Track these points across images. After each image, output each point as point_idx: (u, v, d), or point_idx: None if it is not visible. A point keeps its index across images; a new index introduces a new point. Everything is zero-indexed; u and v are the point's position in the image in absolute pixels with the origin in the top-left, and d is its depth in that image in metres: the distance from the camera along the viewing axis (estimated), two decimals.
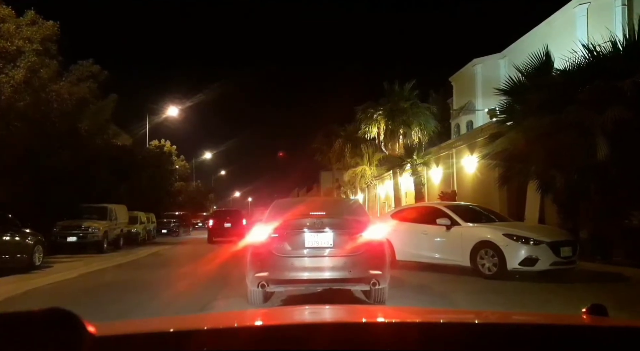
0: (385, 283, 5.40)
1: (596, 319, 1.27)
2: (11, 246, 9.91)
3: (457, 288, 7.09)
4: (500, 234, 7.96)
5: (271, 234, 5.39)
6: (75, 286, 8.30)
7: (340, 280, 5.31)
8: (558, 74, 10.18)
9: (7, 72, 12.84)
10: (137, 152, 26.18)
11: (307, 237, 5.34)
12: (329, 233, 5.35)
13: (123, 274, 9.99)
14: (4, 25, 13.00)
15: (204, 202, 52.80)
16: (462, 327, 1.24)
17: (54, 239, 14.76)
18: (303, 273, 5.28)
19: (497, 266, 7.81)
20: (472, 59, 27.72)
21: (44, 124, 14.70)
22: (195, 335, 1.12)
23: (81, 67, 17.07)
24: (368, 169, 27.89)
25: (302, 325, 1.33)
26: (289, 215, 5.65)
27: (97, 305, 6.18)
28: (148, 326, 1.41)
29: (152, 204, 24.86)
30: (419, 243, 9.07)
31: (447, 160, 19.85)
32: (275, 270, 5.25)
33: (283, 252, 5.30)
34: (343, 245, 5.30)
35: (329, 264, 5.29)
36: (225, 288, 7.25)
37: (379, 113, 22.49)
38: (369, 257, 5.28)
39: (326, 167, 42.82)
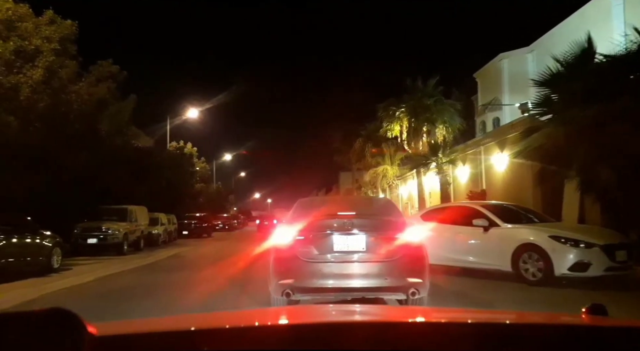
0: (425, 292, 4.80)
1: (596, 319, 1.26)
2: (29, 249, 9.69)
3: (502, 297, 6.45)
4: (545, 236, 7.27)
5: (296, 237, 4.85)
6: (91, 290, 7.97)
7: (374, 288, 4.73)
8: (605, 61, 9.38)
9: (25, 72, 12.72)
10: (157, 154, 26.14)
11: (336, 240, 4.80)
12: (361, 236, 4.78)
13: (142, 277, 9.64)
14: (22, 25, 12.91)
15: (224, 203, 52.86)
16: (462, 327, 1.22)
17: (75, 241, 14.62)
18: (332, 281, 4.73)
19: (543, 272, 7.12)
20: (497, 54, 26.78)
21: (64, 125, 14.59)
22: (195, 334, 1.13)
23: (100, 67, 16.96)
24: (390, 169, 27.20)
25: (302, 325, 1.30)
26: (315, 215, 5.10)
27: (112, 312, 5.78)
28: (148, 326, 1.40)
29: (172, 205, 24.72)
30: (453, 245, 8.44)
31: (475, 158, 19.04)
32: (300, 276, 4.72)
33: (309, 257, 4.76)
34: (377, 249, 4.73)
35: (361, 270, 4.74)
36: (246, 294, 6.78)
37: (402, 111, 21.86)
38: (407, 263, 4.70)
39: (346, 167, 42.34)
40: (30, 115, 13.11)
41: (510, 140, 15.70)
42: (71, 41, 14.44)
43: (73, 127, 15.08)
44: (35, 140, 13.26)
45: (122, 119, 19.39)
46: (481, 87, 29.12)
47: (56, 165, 14.22)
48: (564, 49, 10.58)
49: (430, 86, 22.01)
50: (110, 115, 17.88)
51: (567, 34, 16.43)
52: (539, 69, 22.04)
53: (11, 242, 9.09)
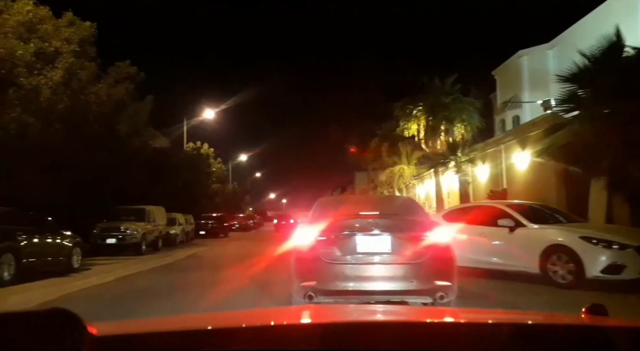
0: (454, 295, 4.57)
1: (596, 319, 1.26)
2: (50, 249, 9.75)
3: (530, 300, 6.20)
4: (575, 237, 6.98)
5: (318, 237, 4.68)
6: (111, 291, 7.95)
7: (400, 292, 4.51)
8: (635, 54, 9.01)
9: (45, 74, 12.86)
10: (174, 154, 26.30)
11: (359, 241, 4.62)
12: (385, 237, 4.60)
13: (161, 278, 9.62)
14: (42, 27, 13.05)
15: (240, 203, 53.09)
16: (462, 327, 1.22)
17: (94, 241, 14.74)
18: (356, 284, 4.55)
19: (574, 274, 6.84)
20: (516, 51, 26.23)
21: (83, 126, 14.73)
22: (195, 334, 1.12)
23: (118, 68, 17.08)
24: (407, 168, 26.87)
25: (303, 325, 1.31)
26: (337, 215, 4.92)
27: (134, 312, 5.72)
28: (148, 326, 1.40)
29: (189, 206, 24.84)
30: (476, 246, 8.19)
31: (495, 157, 18.64)
32: (323, 278, 4.55)
33: (332, 258, 4.59)
34: (403, 251, 4.53)
35: (386, 273, 4.55)
36: (267, 295, 6.66)
37: (419, 109, 21.55)
38: (435, 265, 4.49)
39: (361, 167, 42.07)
40: (50, 116, 13.24)
41: (533, 138, 15.29)
42: (90, 43, 14.56)
43: (92, 128, 15.22)
44: (56, 141, 13.40)
45: (140, 120, 19.51)
46: (500, 84, 28.57)
47: (76, 166, 14.35)
48: (588, 44, 10.24)
49: (448, 84, 21.64)
50: (128, 116, 18.00)
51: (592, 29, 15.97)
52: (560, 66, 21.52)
53: (32, 242, 9.15)
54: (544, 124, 14.25)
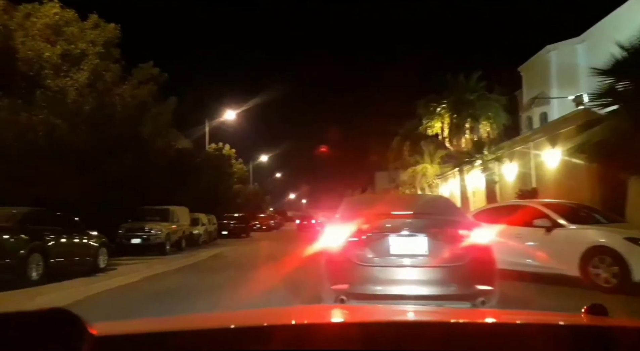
0: (495, 300, 4.30)
1: (596, 319, 1.25)
2: (77, 249, 9.83)
3: (573, 305, 5.80)
4: (619, 238, 6.59)
5: (349, 238, 4.45)
6: (138, 291, 7.91)
7: (438, 297, 4.24)
8: None
9: (71, 75, 13.04)
10: (196, 155, 26.50)
11: (393, 242, 4.38)
12: (422, 238, 4.34)
13: (185, 278, 9.58)
14: (69, 29, 13.24)
15: (261, 204, 53.32)
16: (462, 327, 1.21)
17: (119, 241, 14.88)
18: (390, 287, 4.30)
19: (618, 278, 6.45)
20: (543, 46, 25.45)
21: (108, 127, 14.90)
22: (195, 334, 1.13)
23: (142, 69, 17.24)
24: (429, 167, 26.39)
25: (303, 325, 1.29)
26: (368, 214, 4.67)
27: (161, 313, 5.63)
28: (148, 326, 1.40)
29: (211, 206, 24.97)
30: (510, 248, 7.83)
31: (523, 155, 18.08)
32: (356, 282, 4.32)
33: (365, 260, 4.36)
34: (441, 253, 4.27)
35: (423, 277, 4.29)
36: (295, 297, 6.49)
37: (443, 107, 21.12)
38: (475, 268, 4.22)
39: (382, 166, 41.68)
40: (77, 117, 13.42)
41: (564, 135, 14.75)
42: (114, 45, 14.71)
43: (117, 130, 15.39)
44: (82, 143, 13.59)
45: (163, 121, 19.67)
46: (526, 81, 27.80)
47: (101, 166, 14.53)
48: (624, 35, 9.74)
49: (473, 81, 21.15)
50: (152, 118, 18.16)
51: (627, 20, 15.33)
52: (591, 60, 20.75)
53: (60, 242, 9.23)
54: (576, 120, 13.71)
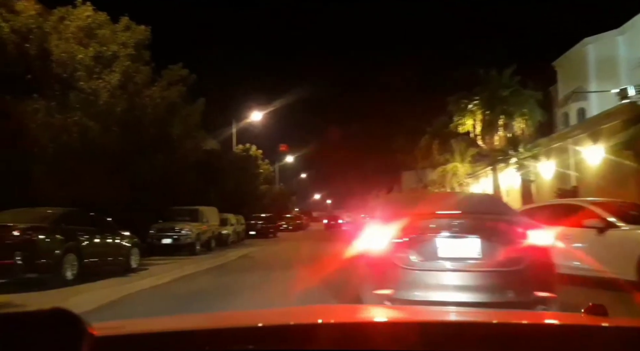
0: (556, 309, 3.93)
1: (596, 319, 1.25)
2: (110, 249, 9.89)
3: (636, 312, 5.38)
4: None
5: (392, 240, 4.14)
6: (171, 291, 7.85)
7: (492, 304, 3.85)
8: None
9: (103, 77, 13.22)
10: (224, 156, 26.67)
11: (441, 244, 4.05)
12: (474, 239, 3.99)
13: (216, 278, 9.49)
14: (101, 31, 13.44)
15: (287, 204, 53.42)
16: (462, 327, 1.22)
17: (150, 241, 15.01)
18: (439, 293, 3.97)
19: None
20: (579, 40, 24.38)
21: (139, 129, 15.07)
22: (194, 335, 1.13)
23: (171, 71, 17.37)
24: (460, 166, 25.69)
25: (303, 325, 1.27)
26: (412, 214, 4.34)
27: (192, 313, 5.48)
28: (148, 326, 1.39)
29: (239, 206, 25.08)
30: (558, 250, 7.35)
31: (561, 153, 17.30)
32: (401, 287, 4.00)
33: (410, 264, 4.05)
34: (495, 256, 3.90)
35: (476, 282, 3.94)
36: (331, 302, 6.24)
37: (475, 104, 20.46)
38: (534, 273, 3.84)
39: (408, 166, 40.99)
40: (109, 119, 13.60)
41: (607, 131, 14.00)
42: (144, 46, 14.87)
43: (147, 131, 15.55)
44: (114, 144, 13.76)
45: (192, 122, 19.80)
46: (561, 76, 26.74)
47: (132, 167, 14.70)
48: None
49: (506, 76, 20.41)
50: (181, 119, 18.29)
51: None
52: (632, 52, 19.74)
53: (93, 242, 9.28)
54: (620, 115, 12.99)
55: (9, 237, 7.47)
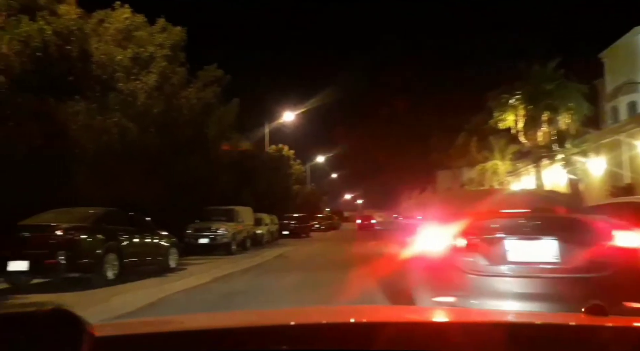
0: None
1: (596, 319, 1.26)
2: (149, 248, 9.88)
3: None
4: None
5: (454, 242, 3.74)
6: (211, 292, 7.69)
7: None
8: None
9: (141, 78, 13.36)
10: (257, 156, 26.77)
11: (512, 247, 3.60)
12: (550, 241, 3.51)
13: (255, 279, 9.32)
14: (138, 33, 13.61)
15: (318, 204, 53.35)
16: (462, 327, 1.22)
17: (187, 241, 15.09)
18: (509, 302, 3.52)
19: None
20: (630, 29, 22.99)
21: (175, 130, 15.19)
22: (195, 335, 1.14)
23: (206, 72, 17.47)
24: (500, 163, 24.71)
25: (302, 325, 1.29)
26: (473, 213, 3.91)
27: None
28: (148, 326, 1.41)
29: (271, 206, 25.08)
30: None
31: (613, 148, 16.28)
32: (465, 293, 3.59)
33: (476, 268, 3.63)
34: (576, 260, 3.41)
35: (553, 290, 3.45)
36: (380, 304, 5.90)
37: (517, 98, 19.57)
38: (622, 280, 3.32)
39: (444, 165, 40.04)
40: (146, 120, 13.74)
41: None
42: (180, 47, 14.99)
43: (183, 132, 15.67)
44: (151, 145, 13.90)
45: (226, 123, 19.88)
46: (609, 68, 25.32)
47: (169, 168, 14.84)
48: None
49: (550, 69, 19.43)
50: (216, 120, 18.39)
51: None
52: None
53: (133, 242, 9.29)
54: None
55: (53, 237, 7.52)
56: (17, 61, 9.31)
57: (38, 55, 9.57)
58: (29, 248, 7.41)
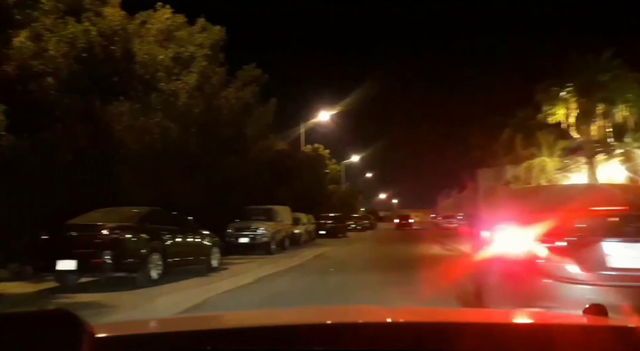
0: None
1: (596, 319, 1.26)
2: (192, 248, 9.82)
3: None
4: None
5: (539, 244, 3.29)
6: (257, 293, 7.50)
7: None
8: None
9: (182, 78, 13.44)
10: (294, 156, 26.71)
11: (611, 251, 3.13)
12: None
13: (298, 280, 9.05)
14: (179, 33, 13.70)
15: (354, 203, 52.89)
16: (461, 327, 1.21)
17: (228, 240, 15.08)
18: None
19: None
20: None
21: (214, 130, 15.23)
22: (195, 335, 1.14)
23: (244, 71, 17.46)
24: (549, 160, 23.43)
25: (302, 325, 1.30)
26: (561, 211, 3.39)
27: None
28: (148, 327, 1.41)
29: (307, 206, 24.92)
30: None
31: None
32: (557, 304, 3.11)
33: (567, 276, 3.19)
34: None
35: None
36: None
37: (568, 91, 18.46)
38: None
39: (486, 163, 38.60)
40: (187, 120, 13.81)
41: None
42: (220, 47, 15.01)
43: (223, 132, 15.71)
44: (192, 145, 13.97)
45: (264, 123, 19.85)
46: None
47: (209, 168, 14.88)
48: None
49: (605, 59, 18.20)
50: (254, 119, 18.38)
51: None
52: None
53: (176, 242, 9.23)
54: None
55: (99, 236, 7.53)
56: (64, 63, 9.48)
57: (83, 56, 9.72)
58: (76, 248, 7.44)
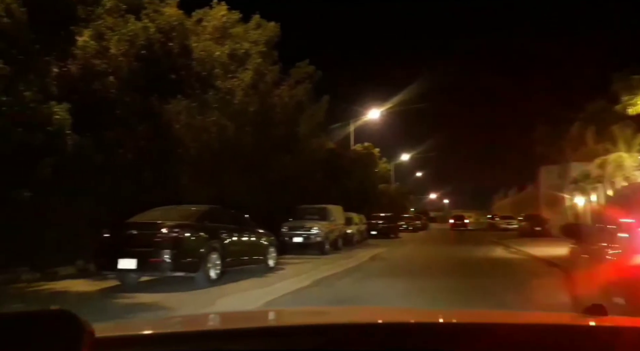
0: None
1: (596, 319, 1.26)
2: (249, 247, 9.60)
3: None
4: None
5: None
6: (317, 297, 7.11)
7: None
8: None
9: (238, 75, 13.37)
10: (345, 155, 26.31)
11: None
12: None
13: (358, 283, 8.55)
14: (234, 30, 13.66)
15: (404, 203, 51.70)
16: (461, 327, 1.22)
17: (282, 239, 14.88)
18: None
19: None
20: None
21: (269, 128, 15.11)
22: (195, 335, 1.15)
23: (298, 69, 17.24)
24: (627, 156, 21.39)
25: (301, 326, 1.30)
26: None
27: None
28: (148, 327, 1.40)
29: (358, 205, 24.40)
30: None
31: None
32: None
33: None
34: None
35: None
36: None
37: None
38: None
39: (550, 160, 36.29)
40: (243, 118, 13.74)
41: None
42: (274, 44, 14.88)
43: (277, 130, 15.56)
44: (247, 144, 13.88)
45: (316, 121, 19.57)
46: None
47: (263, 167, 14.77)
48: None
49: None
50: (307, 118, 18.14)
51: None
52: None
53: (234, 240, 9.03)
54: None
55: (158, 235, 7.41)
56: (124, 61, 9.55)
57: (143, 53, 9.76)
58: (136, 246, 7.38)
